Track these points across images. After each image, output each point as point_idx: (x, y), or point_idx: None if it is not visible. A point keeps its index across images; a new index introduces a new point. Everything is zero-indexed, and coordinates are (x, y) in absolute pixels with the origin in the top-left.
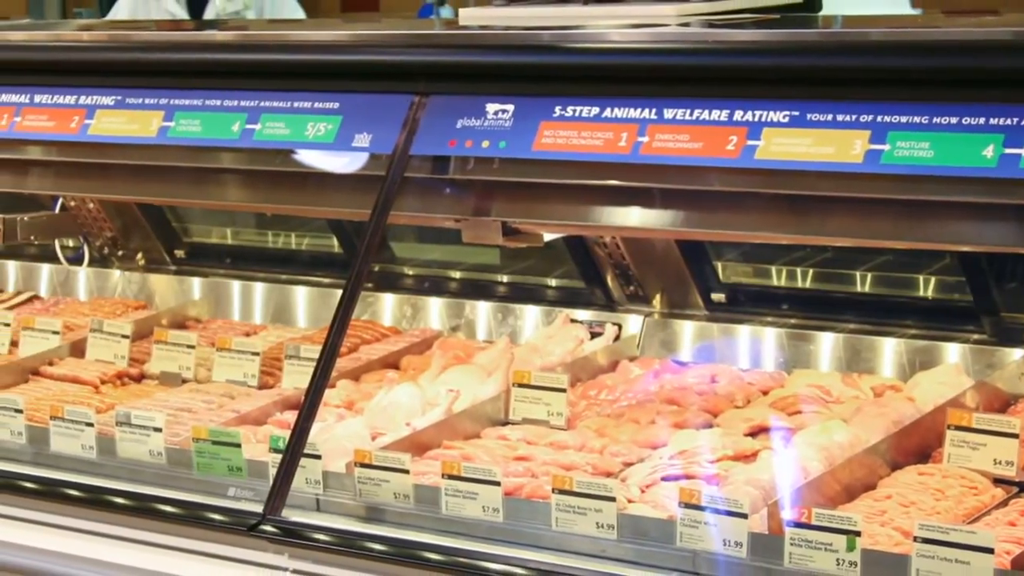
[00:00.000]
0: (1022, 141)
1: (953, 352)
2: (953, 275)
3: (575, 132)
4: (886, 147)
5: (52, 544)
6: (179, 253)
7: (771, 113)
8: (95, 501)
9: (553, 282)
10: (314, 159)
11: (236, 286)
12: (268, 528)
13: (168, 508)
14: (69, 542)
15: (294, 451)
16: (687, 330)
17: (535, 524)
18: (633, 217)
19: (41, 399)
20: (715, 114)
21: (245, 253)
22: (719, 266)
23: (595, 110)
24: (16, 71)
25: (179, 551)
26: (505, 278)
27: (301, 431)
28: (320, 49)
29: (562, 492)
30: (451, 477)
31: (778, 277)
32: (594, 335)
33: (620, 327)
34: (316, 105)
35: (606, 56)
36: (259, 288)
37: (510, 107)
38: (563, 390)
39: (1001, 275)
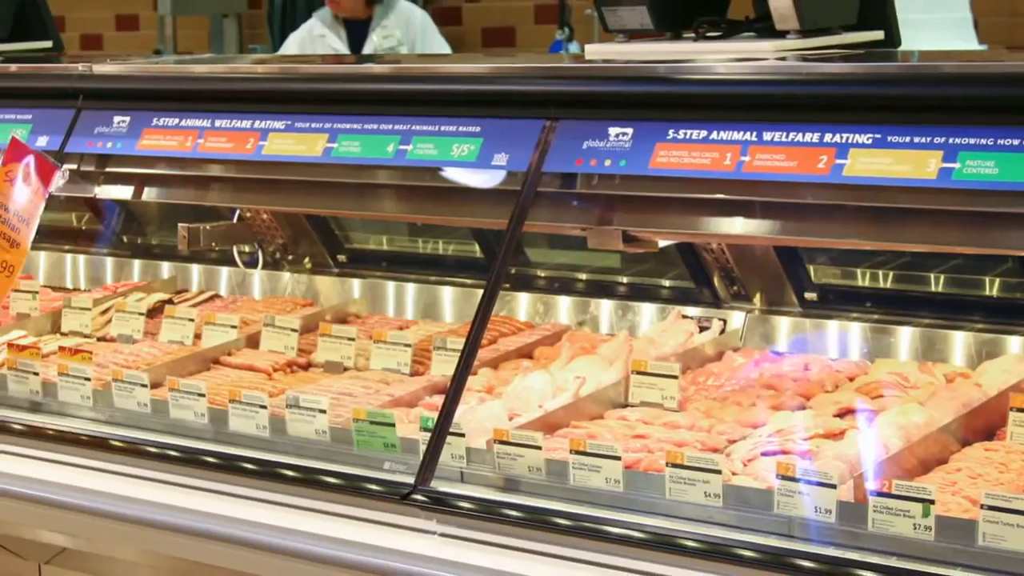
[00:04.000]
0: None
1: (1016, 343)
2: (1015, 276)
3: (686, 152)
4: (956, 165)
5: (230, 511)
6: (341, 258)
7: (856, 135)
8: (268, 474)
9: (667, 283)
10: (458, 176)
11: (391, 286)
12: (419, 497)
13: (331, 480)
14: (245, 509)
15: (441, 430)
16: (783, 325)
17: (651, 494)
18: (736, 226)
19: (221, 385)
20: (808, 136)
21: (398, 258)
22: (811, 269)
23: (703, 133)
24: (199, 99)
25: (341, 517)
26: (625, 279)
27: (447, 412)
28: (464, 80)
29: (674, 466)
30: (578, 452)
31: (862, 278)
32: (702, 329)
33: (725, 322)
34: (460, 129)
35: (713, 86)
36: (411, 288)
37: (629, 130)
38: (675, 377)
39: None
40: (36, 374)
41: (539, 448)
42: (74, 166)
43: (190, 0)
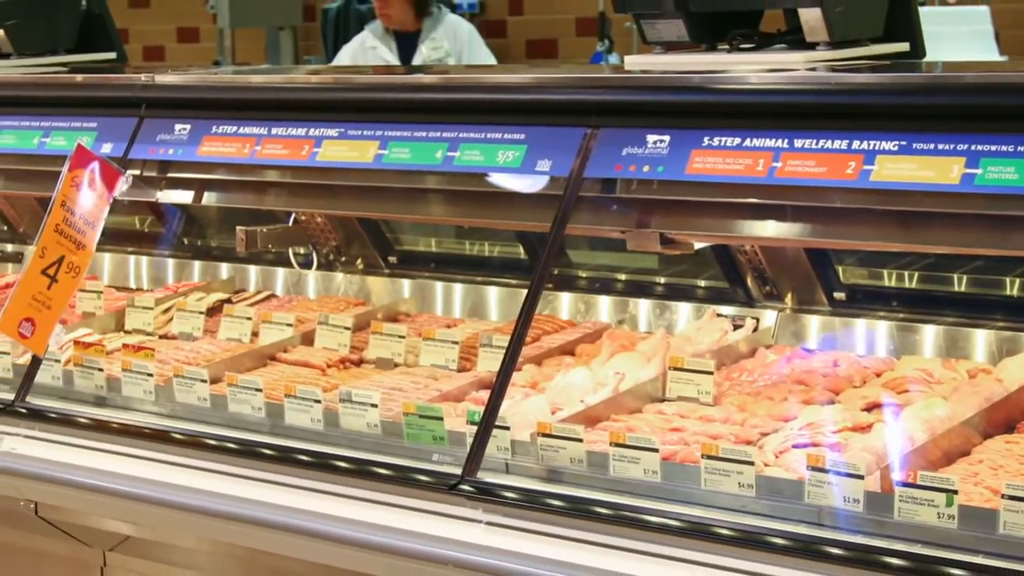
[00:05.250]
0: None
1: None
2: None
3: (721, 158)
4: (979, 171)
5: (286, 501)
6: (392, 259)
7: (883, 142)
8: (322, 465)
9: (702, 283)
10: (503, 181)
11: (439, 286)
12: (466, 487)
13: (382, 471)
14: (300, 499)
15: (487, 423)
16: (813, 323)
17: (687, 484)
18: (769, 229)
19: (277, 380)
20: (837, 143)
21: (446, 259)
22: (840, 269)
23: (737, 140)
24: (257, 108)
25: (391, 506)
26: (662, 280)
27: (493, 406)
28: (509, 90)
29: (709, 457)
30: (617, 445)
31: (889, 279)
32: (736, 327)
33: (758, 320)
34: (505, 136)
35: (746, 95)
36: (458, 288)
37: (667, 138)
38: (710, 373)
39: None
40: (101, 370)
41: (580, 440)
42: (137, 172)
43: (248, 13)
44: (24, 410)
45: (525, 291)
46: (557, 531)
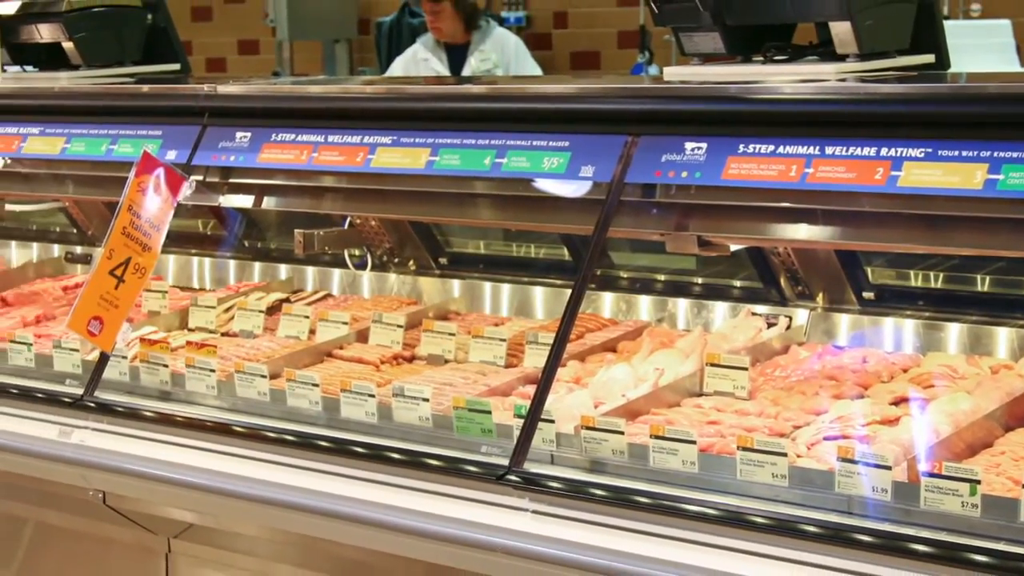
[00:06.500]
0: None
1: None
2: None
3: (755, 164)
4: (1000, 176)
5: (341, 490)
6: (442, 260)
7: (910, 150)
8: (376, 456)
9: (738, 283)
10: (548, 186)
11: (487, 286)
12: (513, 478)
13: (433, 462)
14: (355, 489)
15: (533, 416)
16: (843, 321)
17: (723, 474)
18: (801, 232)
19: (333, 376)
20: (866, 150)
21: (494, 260)
22: (869, 270)
23: (771, 147)
24: (314, 116)
25: (442, 496)
26: (699, 280)
27: (539, 401)
28: (554, 99)
29: (745, 449)
30: (657, 437)
31: (915, 279)
32: (770, 325)
33: (791, 319)
34: (550, 143)
35: (780, 105)
36: (505, 288)
37: (704, 145)
38: (745, 368)
39: None
40: (166, 366)
41: (622, 433)
42: (200, 177)
43: (305, 27)
44: (93, 404)
45: (569, 291)
46: (599, 519)
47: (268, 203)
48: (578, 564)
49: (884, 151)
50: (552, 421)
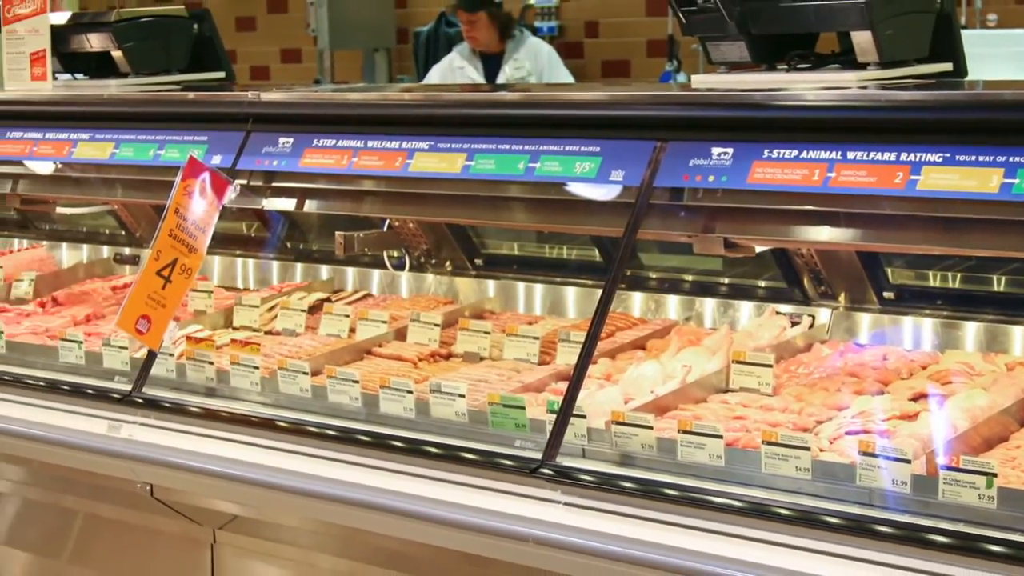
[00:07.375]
0: None
1: None
2: None
3: (779, 169)
4: (1016, 180)
5: (381, 483)
6: (478, 261)
7: (929, 155)
8: (414, 451)
9: (762, 283)
10: (580, 190)
11: (521, 286)
12: (545, 471)
13: (469, 455)
14: (394, 482)
15: (565, 412)
16: (864, 320)
17: (748, 468)
18: (824, 234)
19: (373, 372)
20: (886, 155)
21: (528, 261)
22: (889, 271)
23: (794, 152)
24: (354, 123)
25: (477, 488)
26: (726, 280)
27: (571, 397)
28: (585, 106)
29: (769, 443)
30: (685, 432)
31: (934, 279)
32: (794, 324)
33: (814, 318)
34: (582, 149)
35: (803, 111)
36: (539, 288)
37: (730, 150)
38: (770, 365)
39: None
40: (211, 363)
41: (651, 428)
42: (244, 181)
43: (346, 36)
44: (141, 400)
45: (600, 291)
46: (629, 511)
47: (310, 206)
48: (609, 554)
49: (904, 156)
50: (584, 416)
